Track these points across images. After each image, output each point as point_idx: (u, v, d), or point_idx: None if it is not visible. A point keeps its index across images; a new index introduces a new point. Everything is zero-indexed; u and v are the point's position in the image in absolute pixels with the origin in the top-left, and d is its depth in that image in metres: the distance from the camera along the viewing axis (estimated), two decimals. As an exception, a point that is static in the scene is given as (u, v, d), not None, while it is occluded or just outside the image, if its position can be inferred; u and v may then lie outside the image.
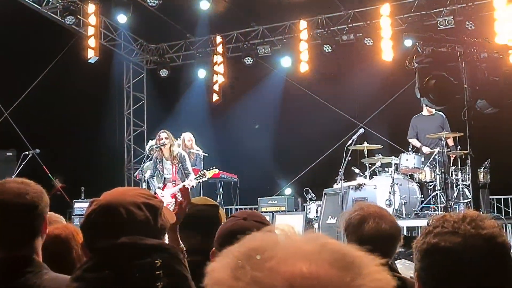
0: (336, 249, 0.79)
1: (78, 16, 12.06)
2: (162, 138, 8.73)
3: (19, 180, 2.23)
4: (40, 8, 11.84)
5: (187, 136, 10.22)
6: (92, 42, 11.93)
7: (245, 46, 13.68)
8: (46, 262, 2.19)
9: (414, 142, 10.18)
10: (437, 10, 11.82)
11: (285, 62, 13.41)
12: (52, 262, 2.23)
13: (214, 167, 9.31)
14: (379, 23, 12.01)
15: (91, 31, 11.98)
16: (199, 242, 2.94)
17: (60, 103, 11.78)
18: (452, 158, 9.35)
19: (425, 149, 9.83)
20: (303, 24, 12.67)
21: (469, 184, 8.71)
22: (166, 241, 2.47)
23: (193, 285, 1.85)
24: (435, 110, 9.67)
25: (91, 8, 11.90)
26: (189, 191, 2.91)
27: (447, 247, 1.53)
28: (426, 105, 8.59)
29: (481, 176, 8.83)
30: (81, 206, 8.97)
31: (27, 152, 8.88)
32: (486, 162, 9.12)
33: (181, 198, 2.81)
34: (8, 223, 2.12)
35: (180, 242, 2.66)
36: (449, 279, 1.54)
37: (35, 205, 2.15)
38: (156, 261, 1.75)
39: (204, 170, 9.18)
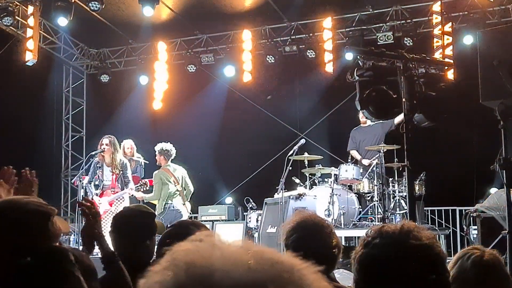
0: (275, 259, 0.76)
1: (16, 17, 11.71)
2: (103, 144, 8.57)
3: None
4: (-24, 7, 11.45)
5: (127, 144, 10.09)
6: (30, 44, 11.59)
7: (188, 54, 13.63)
8: None
9: (354, 154, 10.38)
10: (377, 25, 12.12)
11: (228, 71, 13.43)
12: None
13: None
14: (321, 36, 12.22)
15: (29, 33, 11.64)
16: (127, 245, 2.92)
17: (-4, 106, 11.41)
18: (395, 168, 9.56)
19: (365, 161, 10.03)
20: (246, 34, 12.73)
21: (405, 195, 8.94)
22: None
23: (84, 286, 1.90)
24: (372, 122, 9.91)
25: (30, 9, 11.59)
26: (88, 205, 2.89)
27: (386, 258, 1.56)
28: (366, 117, 8.78)
29: (416, 188, 9.08)
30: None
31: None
32: (421, 175, 9.39)
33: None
34: None
35: (107, 245, 2.68)
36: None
37: None
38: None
39: (145, 180, 9.07)
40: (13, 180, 2.98)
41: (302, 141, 9.68)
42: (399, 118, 9.10)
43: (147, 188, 9.11)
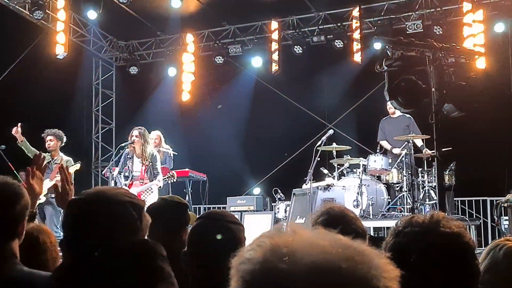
0: (347, 243, 0.86)
1: (47, 11, 11.88)
2: (133, 135, 8.66)
3: (1, 177, 2.18)
4: (8, 1, 11.64)
5: (154, 135, 10.16)
6: (61, 37, 11.77)
7: (216, 45, 13.67)
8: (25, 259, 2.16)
9: (384, 144, 10.31)
10: (406, 14, 11.99)
11: (256, 62, 13.43)
12: (24, 263, 2.20)
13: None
14: (349, 26, 12.14)
15: (60, 26, 11.81)
16: (161, 236, 2.96)
17: (27, 99, 11.59)
18: (424, 159, 9.48)
19: (395, 150, 9.95)
20: (274, 24, 12.72)
21: (435, 186, 8.87)
22: None
23: (175, 282, 1.86)
24: (401, 112, 9.82)
25: (60, 3, 11.74)
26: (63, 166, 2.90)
27: (417, 246, 1.58)
28: (394, 108, 8.72)
29: (446, 178, 9.00)
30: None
31: (-7, 147, 8.73)
32: (451, 165, 9.30)
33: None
34: None
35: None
36: (419, 277, 1.58)
37: (14, 205, 2.11)
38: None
39: (173, 172, 9.14)
40: (45, 167, 2.98)
41: (331, 131, 9.64)
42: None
43: (175, 180, 9.17)
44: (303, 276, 0.79)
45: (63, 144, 8.88)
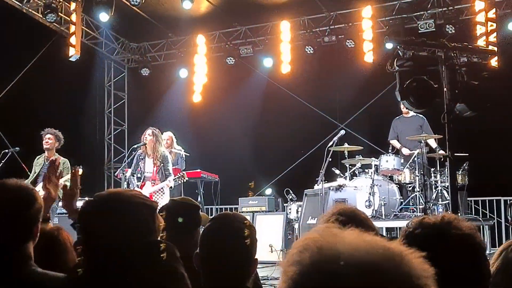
0: (386, 244, 0.90)
1: (59, 14, 11.96)
2: (146, 135, 8.69)
3: (13, 181, 2.22)
4: (21, 5, 11.73)
5: (165, 136, 10.18)
6: (73, 40, 11.83)
7: (227, 46, 13.69)
8: (38, 261, 2.18)
9: (394, 143, 10.28)
10: (418, 13, 11.94)
11: (267, 62, 13.44)
12: (44, 261, 2.22)
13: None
14: (360, 26, 12.11)
15: (72, 29, 11.89)
16: (173, 237, 2.97)
17: (40, 101, 11.67)
18: (437, 159, 9.42)
19: (405, 151, 9.93)
20: (285, 25, 12.72)
21: (448, 186, 8.82)
22: None
23: (188, 283, 1.86)
24: (414, 112, 9.77)
25: (72, 6, 11.82)
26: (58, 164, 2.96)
27: (428, 248, 1.57)
28: (407, 108, 8.68)
29: (459, 178, 8.95)
30: (60, 204, 8.84)
31: (6, 150, 8.79)
32: (464, 164, 9.25)
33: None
34: (2, 225, 2.10)
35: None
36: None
37: (30, 208, 2.15)
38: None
39: (183, 172, 9.16)
40: (60, 173, 3.04)
41: (342, 132, 9.62)
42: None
43: (185, 180, 9.18)
44: (351, 276, 0.83)
45: (60, 146, 8.91)
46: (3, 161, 8.50)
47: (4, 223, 2.09)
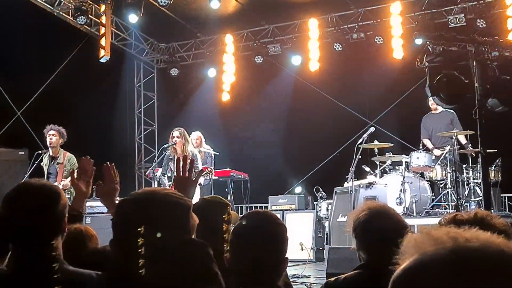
0: (490, 236, 0.92)
1: (89, 16, 12.12)
2: (174, 137, 8.76)
3: (36, 180, 2.28)
4: (52, 8, 11.92)
5: (194, 135, 10.24)
6: (103, 42, 11.98)
7: (255, 45, 13.71)
8: (67, 257, 2.23)
9: (426, 142, 10.17)
10: (448, 8, 11.78)
11: (295, 60, 13.41)
12: (72, 257, 2.27)
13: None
14: (389, 22, 12.00)
15: (102, 31, 12.04)
16: (204, 236, 2.98)
17: (72, 102, 11.85)
18: (469, 155, 9.28)
19: (436, 152, 9.80)
20: (313, 22, 12.68)
21: (480, 182, 8.69)
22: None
23: (222, 283, 1.87)
24: (444, 108, 9.65)
25: (102, 8, 11.97)
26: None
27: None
28: (437, 104, 8.58)
29: (492, 174, 8.81)
30: (93, 204, 8.92)
31: (39, 152, 8.92)
32: (497, 160, 9.10)
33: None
34: (31, 222, 2.15)
35: None
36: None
37: (57, 204, 2.20)
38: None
39: (211, 167, 9.21)
40: (91, 170, 3.07)
41: (372, 129, 9.53)
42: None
43: (213, 176, 9.22)
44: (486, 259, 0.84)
45: (64, 142, 8.95)
46: (36, 163, 8.62)
47: (33, 220, 2.13)
